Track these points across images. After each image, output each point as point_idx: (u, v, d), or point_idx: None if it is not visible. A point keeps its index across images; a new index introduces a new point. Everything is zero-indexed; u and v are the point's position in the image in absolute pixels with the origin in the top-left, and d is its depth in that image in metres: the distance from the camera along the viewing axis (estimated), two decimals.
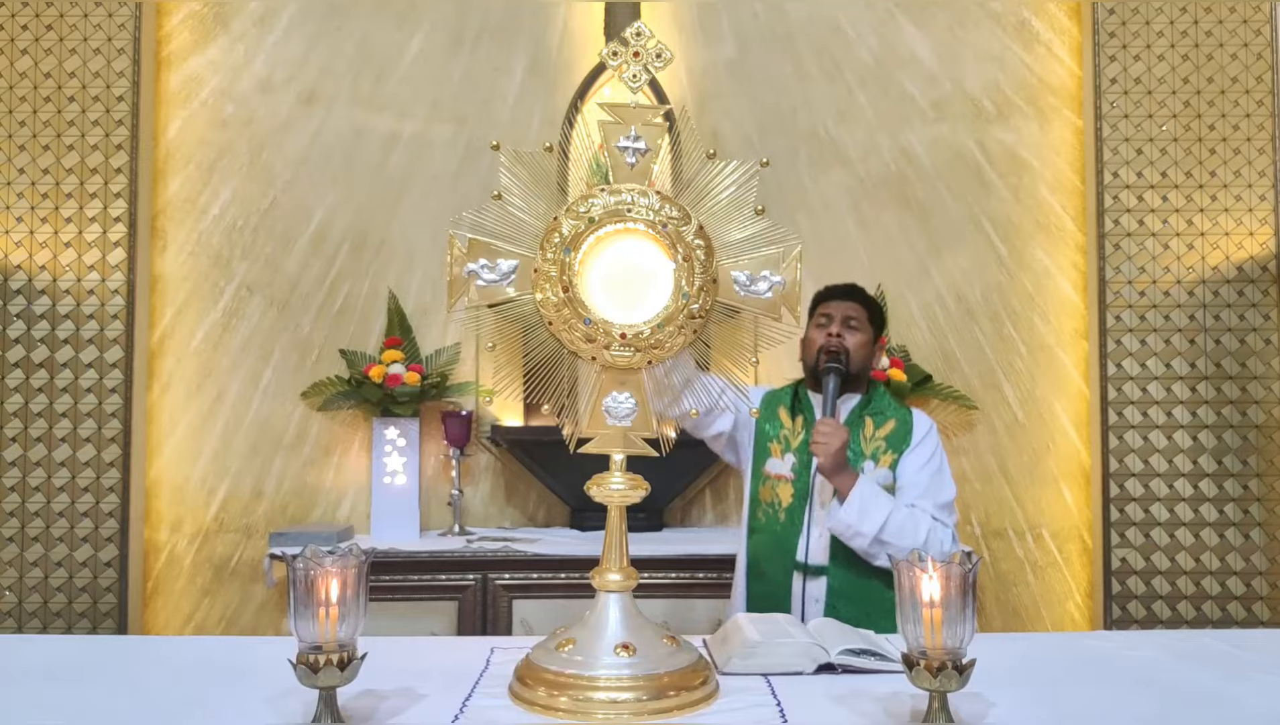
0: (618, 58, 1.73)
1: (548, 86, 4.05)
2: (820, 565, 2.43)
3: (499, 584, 3.46)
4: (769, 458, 2.54)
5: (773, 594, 2.45)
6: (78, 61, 3.80)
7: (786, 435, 2.54)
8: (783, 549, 2.46)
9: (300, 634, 1.45)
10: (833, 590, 2.41)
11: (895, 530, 2.32)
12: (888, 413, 2.55)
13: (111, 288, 3.77)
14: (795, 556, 2.44)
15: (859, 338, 2.54)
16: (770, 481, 2.51)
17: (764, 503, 2.51)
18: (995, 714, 1.54)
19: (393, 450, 3.77)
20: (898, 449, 2.49)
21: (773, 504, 2.50)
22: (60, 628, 3.67)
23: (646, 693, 1.54)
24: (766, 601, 2.43)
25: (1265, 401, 3.81)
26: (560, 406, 1.70)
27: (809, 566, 2.43)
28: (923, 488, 2.44)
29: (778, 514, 2.48)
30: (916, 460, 2.48)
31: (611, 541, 1.69)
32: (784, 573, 2.45)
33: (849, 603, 2.36)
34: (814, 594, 2.42)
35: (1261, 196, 3.86)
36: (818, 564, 2.43)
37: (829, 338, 2.51)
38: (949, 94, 4.11)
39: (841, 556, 2.41)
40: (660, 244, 1.68)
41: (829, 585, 2.41)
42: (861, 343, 2.54)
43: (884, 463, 2.47)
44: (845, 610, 2.31)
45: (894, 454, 2.48)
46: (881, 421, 2.53)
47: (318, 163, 4.01)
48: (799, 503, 2.46)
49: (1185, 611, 3.79)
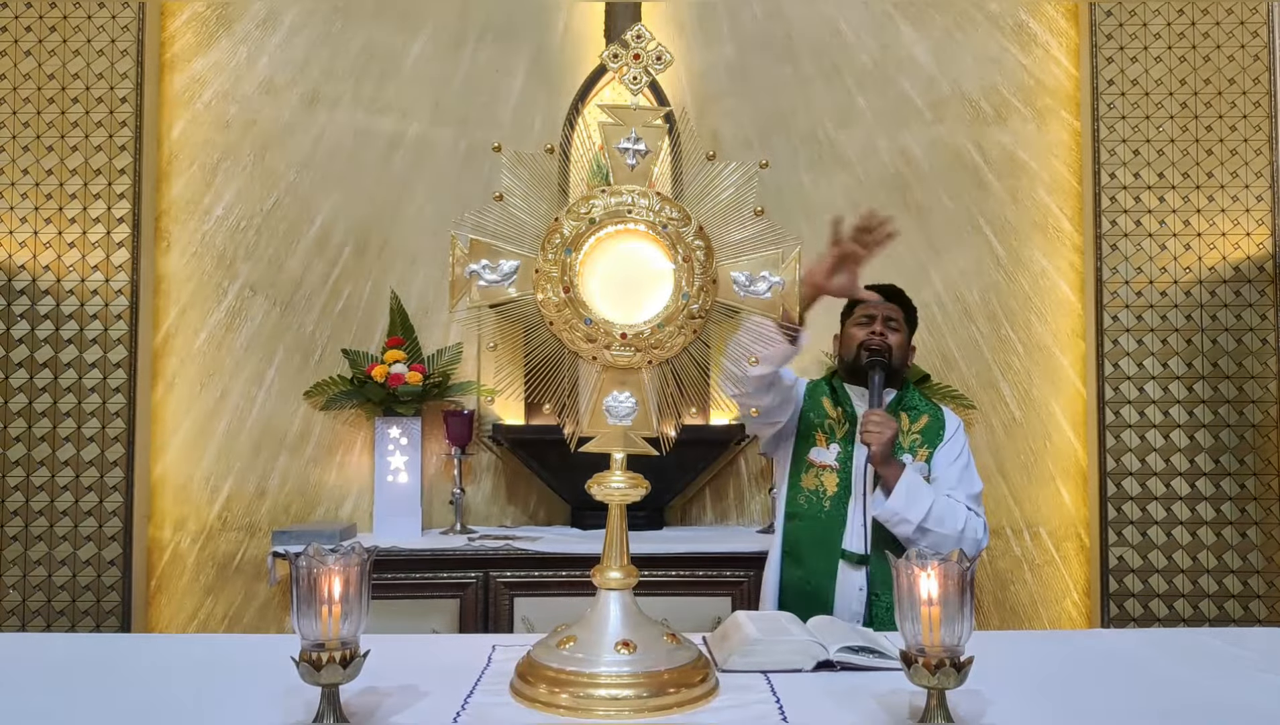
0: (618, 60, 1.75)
1: (549, 88, 4.07)
2: (861, 554, 2.48)
3: (500, 582, 3.48)
4: (813, 446, 2.59)
5: (813, 579, 2.50)
6: (81, 63, 3.82)
7: (831, 425, 2.60)
8: (827, 537, 2.51)
9: (303, 632, 1.46)
10: (873, 579, 2.47)
11: (937, 518, 2.39)
12: (921, 408, 2.63)
13: (115, 288, 3.79)
14: (840, 544, 2.50)
15: (898, 337, 2.65)
16: (814, 469, 2.57)
17: (806, 490, 2.56)
18: (993, 711, 1.55)
19: (395, 449, 3.78)
20: (932, 444, 2.57)
21: (816, 492, 2.55)
22: (64, 626, 3.69)
23: (647, 690, 1.55)
24: (804, 586, 2.49)
25: (1262, 401, 3.83)
26: (561, 406, 1.71)
27: (853, 555, 2.49)
28: (955, 480, 2.52)
29: (821, 502, 2.54)
30: (949, 454, 2.56)
31: (612, 540, 1.70)
32: (828, 560, 2.50)
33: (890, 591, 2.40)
34: (856, 582, 2.48)
35: (1258, 197, 3.87)
36: (860, 552, 2.49)
37: (872, 336, 2.60)
38: (947, 96, 4.13)
39: (882, 545, 2.44)
40: (660, 245, 1.69)
41: (870, 574, 2.47)
42: (901, 342, 2.65)
43: (920, 456, 2.55)
44: (885, 598, 2.39)
45: (928, 448, 2.56)
46: (916, 416, 2.60)
47: (321, 164, 4.03)
48: (843, 492, 2.52)
49: (1182, 609, 3.80)
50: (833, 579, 2.48)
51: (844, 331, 2.73)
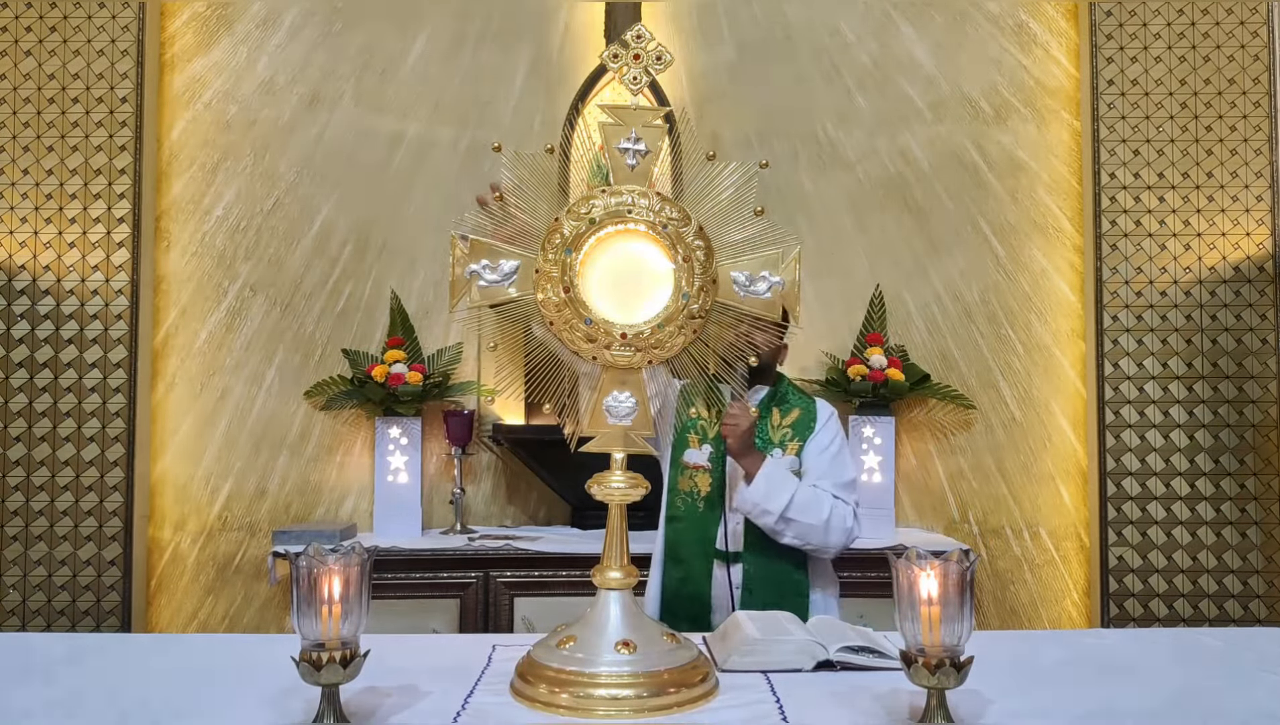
0: (618, 60, 1.75)
1: (549, 89, 4.07)
2: (736, 552, 2.48)
3: (500, 582, 3.48)
4: (687, 448, 2.59)
5: (691, 580, 2.50)
6: (81, 63, 3.82)
7: (704, 426, 2.59)
8: (702, 537, 2.51)
9: (303, 631, 1.46)
10: (749, 575, 2.46)
11: (800, 507, 2.38)
12: (793, 402, 2.61)
13: (115, 288, 3.79)
14: (715, 544, 2.50)
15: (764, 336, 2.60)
16: (689, 471, 2.57)
17: (682, 492, 2.56)
18: (993, 711, 1.55)
19: (395, 449, 3.78)
20: (802, 437, 2.56)
21: (691, 493, 2.55)
22: (64, 625, 3.69)
23: (647, 690, 1.55)
24: (684, 586, 2.50)
25: (1262, 401, 3.83)
26: (561, 406, 1.71)
27: (723, 553, 2.49)
28: (824, 470, 2.51)
29: (696, 503, 2.54)
30: (818, 445, 2.55)
31: (612, 540, 1.70)
32: (703, 559, 2.49)
33: (765, 586, 2.43)
34: (733, 580, 2.47)
35: (1258, 197, 3.87)
36: (735, 551, 2.49)
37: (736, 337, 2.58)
38: (947, 96, 4.13)
39: (756, 542, 2.46)
40: (660, 245, 1.69)
41: (745, 571, 2.47)
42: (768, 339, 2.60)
43: (790, 450, 2.54)
44: (761, 594, 2.39)
45: (799, 441, 2.55)
46: (787, 410, 2.59)
47: (321, 164, 4.03)
48: (715, 491, 2.52)
49: (1182, 609, 3.80)
50: (709, 578, 2.48)
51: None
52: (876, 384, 3.78)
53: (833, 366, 3.95)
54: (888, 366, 3.81)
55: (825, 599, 2.52)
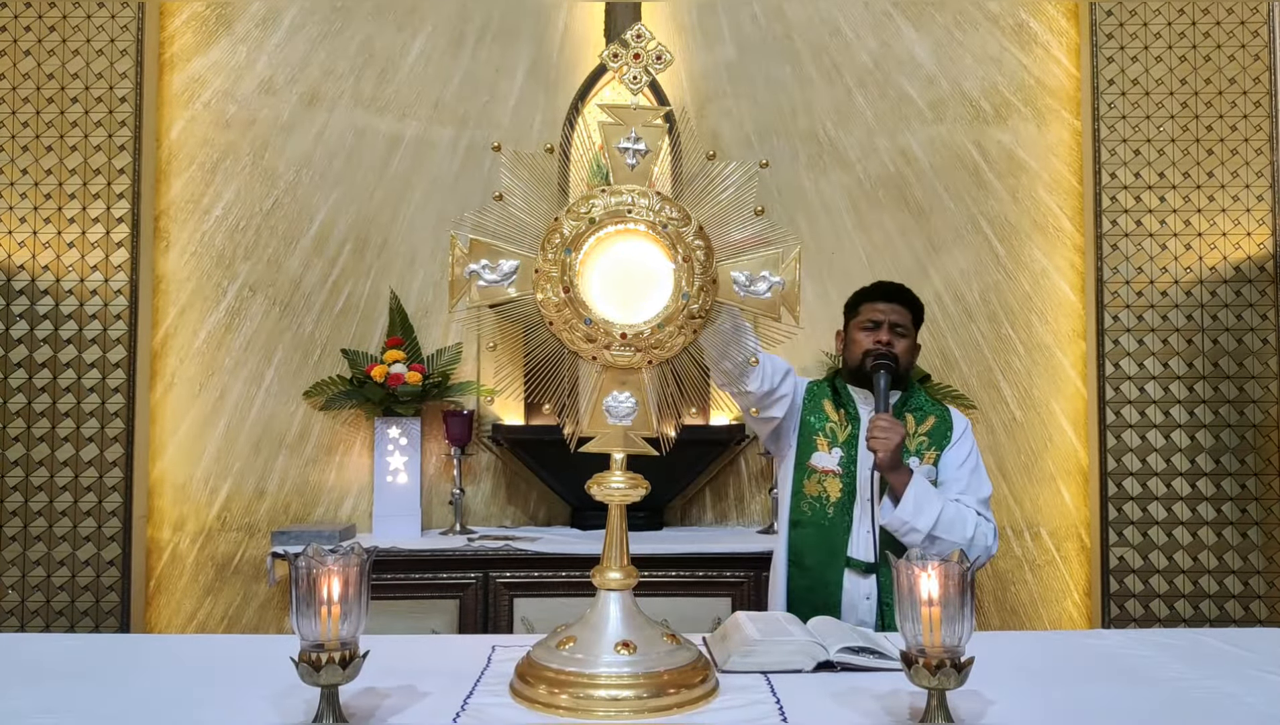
0: (618, 59, 1.75)
1: (549, 88, 4.06)
2: (869, 562, 2.44)
3: (500, 582, 3.47)
4: (815, 451, 2.53)
5: (819, 588, 2.45)
6: (81, 63, 3.82)
7: (833, 428, 2.53)
8: (831, 545, 2.46)
9: (302, 632, 1.46)
10: (884, 588, 2.40)
11: (947, 525, 2.34)
12: (927, 409, 2.56)
13: (114, 288, 3.78)
14: (846, 553, 2.45)
15: (905, 343, 2.56)
16: (817, 475, 2.51)
17: (809, 496, 2.51)
18: (993, 712, 1.55)
19: (394, 449, 3.78)
20: (939, 445, 2.51)
21: (819, 498, 2.49)
22: (63, 626, 3.69)
23: (647, 690, 1.55)
24: (811, 595, 2.44)
25: (1262, 401, 3.83)
26: (561, 406, 1.71)
27: (860, 563, 2.45)
28: (964, 483, 2.47)
29: (825, 509, 2.48)
30: (957, 457, 2.51)
31: (612, 540, 1.70)
32: (833, 569, 2.45)
33: None
34: (864, 591, 2.43)
35: (1259, 197, 3.87)
36: (868, 561, 2.44)
37: (877, 343, 2.52)
38: (947, 95, 4.13)
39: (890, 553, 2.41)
40: (660, 245, 1.69)
41: (879, 583, 2.42)
42: (908, 348, 2.57)
43: (927, 459, 2.49)
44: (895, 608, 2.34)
45: (936, 450, 2.50)
46: (922, 418, 2.54)
47: (320, 164, 4.02)
48: (847, 498, 2.47)
49: (1183, 610, 3.80)
50: (839, 588, 2.43)
51: (848, 332, 2.64)
52: None
53: (833, 367, 3.94)
54: None
55: None
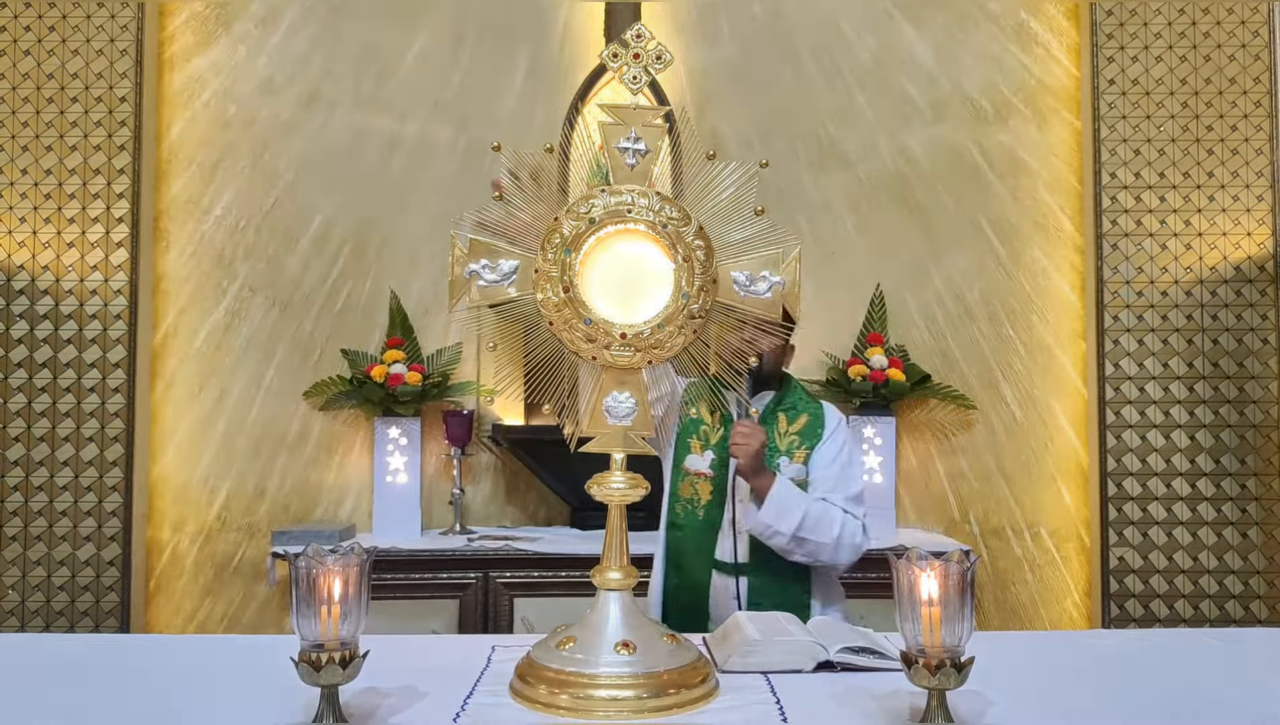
0: (618, 59, 1.74)
1: (548, 88, 4.06)
2: (739, 563, 2.44)
3: (500, 582, 3.47)
4: (689, 453, 2.53)
5: (689, 588, 2.46)
6: (80, 63, 3.82)
7: (706, 431, 2.53)
8: (701, 546, 2.47)
9: (302, 632, 1.46)
10: (754, 589, 2.42)
11: (811, 526, 2.33)
12: (800, 408, 2.55)
13: (114, 288, 3.78)
14: (715, 555, 2.46)
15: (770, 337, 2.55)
16: (690, 478, 2.52)
17: (683, 498, 2.52)
18: (993, 712, 1.55)
19: (394, 449, 3.78)
20: (810, 444, 2.50)
21: (692, 501, 2.50)
22: (63, 626, 3.69)
23: (647, 690, 1.55)
24: (683, 594, 2.46)
25: (1262, 401, 3.83)
26: (561, 406, 1.71)
27: (726, 564, 2.44)
28: (833, 481, 2.45)
29: (697, 511, 2.49)
30: (827, 454, 2.49)
31: (612, 540, 1.70)
32: (703, 570, 2.45)
33: (769, 601, 2.37)
34: (731, 591, 2.43)
35: (1259, 197, 3.87)
36: (732, 562, 2.44)
37: None
38: (948, 95, 4.13)
39: (760, 555, 2.41)
40: (660, 244, 1.69)
41: (750, 584, 2.42)
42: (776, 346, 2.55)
43: (798, 458, 2.49)
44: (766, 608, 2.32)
45: (806, 448, 2.49)
46: (794, 416, 2.53)
47: (320, 163, 4.02)
48: (717, 500, 2.47)
49: (1183, 610, 3.80)
50: (707, 588, 2.44)
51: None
52: (877, 384, 3.78)
53: (833, 366, 3.94)
54: (888, 366, 3.81)
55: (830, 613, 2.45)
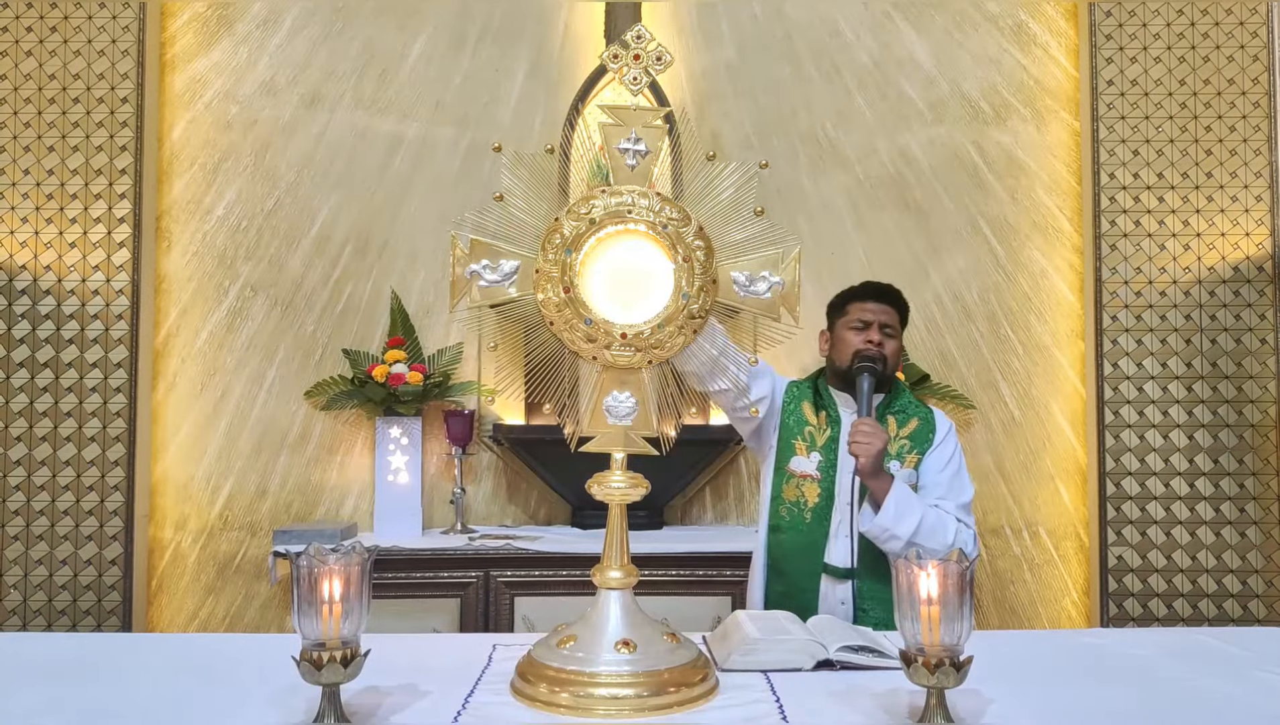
0: (618, 60, 1.75)
1: (549, 89, 4.07)
2: (847, 568, 2.40)
3: (501, 581, 3.48)
4: (794, 455, 2.49)
5: (795, 594, 2.41)
6: (82, 63, 3.82)
7: (812, 432, 2.49)
8: (809, 550, 2.42)
9: (303, 631, 1.46)
10: (862, 594, 2.38)
11: (927, 532, 2.28)
12: (910, 412, 2.52)
13: (116, 288, 3.79)
14: (823, 558, 2.42)
15: (894, 345, 2.52)
16: (795, 479, 2.47)
17: (787, 501, 2.47)
18: (993, 711, 1.55)
19: (395, 449, 3.79)
20: (921, 448, 2.47)
21: (798, 503, 2.45)
22: (65, 625, 3.69)
23: (647, 689, 1.55)
24: (788, 601, 2.38)
25: (1261, 401, 3.83)
26: (561, 406, 1.72)
27: (837, 569, 2.41)
28: (944, 488, 2.43)
29: (803, 514, 2.44)
30: (938, 460, 2.46)
31: (612, 539, 1.70)
32: (810, 575, 2.41)
33: (878, 605, 2.33)
34: (840, 596, 2.39)
35: (1257, 197, 3.88)
36: (845, 567, 2.40)
37: (868, 344, 2.47)
38: (947, 96, 4.13)
39: (869, 559, 2.36)
40: (660, 245, 1.69)
41: (858, 589, 2.38)
42: (896, 350, 2.53)
43: (909, 463, 2.45)
44: (875, 613, 2.31)
45: (917, 454, 2.46)
46: (904, 420, 2.50)
47: (321, 164, 4.03)
48: (825, 503, 2.43)
49: (1181, 609, 3.80)
50: (816, 594, 2.40)
51: (834, 333, 2.58)
52: None
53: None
54: None
55: None
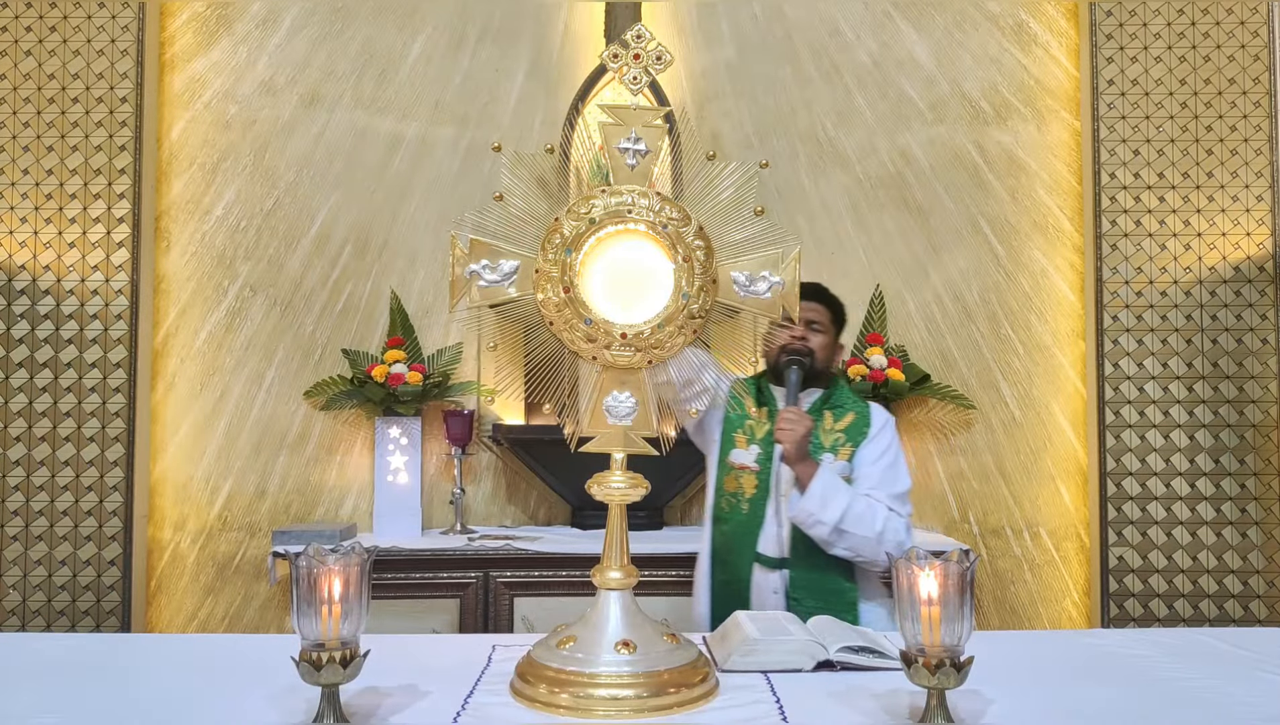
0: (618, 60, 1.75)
1: (549, 88, 4.07)
2: (780, 558, 2.45)
3: (500, 582, 3.48)
4: (734, 447, 2.56)
5: (734, 584, 2.48)
6: (81, 63, 3.82)
7: (752, 425, 2.56)
8: (744, 540, 2.48)
9: (303, 631, 1.46)
10: (794, 583, 2.43)
11: (854, 519, 2.34)
12: (846, 406, 2.58)
13: (115, 288, 3.79)
14: (756, 548, 2.47)
15: (821, 339, 2.60)
16: (734, 471, 2.54)
17: (727, 492, 2.54)
18: (993, 711, 1.55)
19: (395, 449, 3.78)
20: (855, 441, 2.52)
21: (736, 494, 2.52)
22: (64, 625, 3.69)
23: (647, 690, 1.55)
24: (726, 590, 2.47)
25: (1262, 401, 3.83)
26: (561, 406, 1.71)
27: (769, 559, 2.46)
28: (877, 478, 2.47)
29: (740, 504, 2.51)
30: (872, 452, 2.51)
31: (612, 539, 1.70)
32: (745, 564, 2.47)
33: (810, 595, 2.39)
34: (773, 586, 2.44)
35: (1258, 197, 3.87)
36: (777, 556, 2.46)
37: (792, 340, 2.56)
38: (947, 96, 4.13)
39: (802, 549, 2.42)
40: (660, 245, 1.69)
41: (790, 578, 2.44)
42: (824, 344, 2.60)
43: (842, 455, 2.50)
44: (806, 603, 2.35)
45: (852, 446, 2.51)
46: (841, 414, 2.56)
47: (320, 164, 4.03)
48: (761, 494, 2.49)
49: (1182, 609, 3.80)
50: (749, 583, 2.45)
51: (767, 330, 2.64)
52: (876, 384, 3.78)
53: None
54: (888, 366, 3.81)
55: (875, 609, 2.45)
